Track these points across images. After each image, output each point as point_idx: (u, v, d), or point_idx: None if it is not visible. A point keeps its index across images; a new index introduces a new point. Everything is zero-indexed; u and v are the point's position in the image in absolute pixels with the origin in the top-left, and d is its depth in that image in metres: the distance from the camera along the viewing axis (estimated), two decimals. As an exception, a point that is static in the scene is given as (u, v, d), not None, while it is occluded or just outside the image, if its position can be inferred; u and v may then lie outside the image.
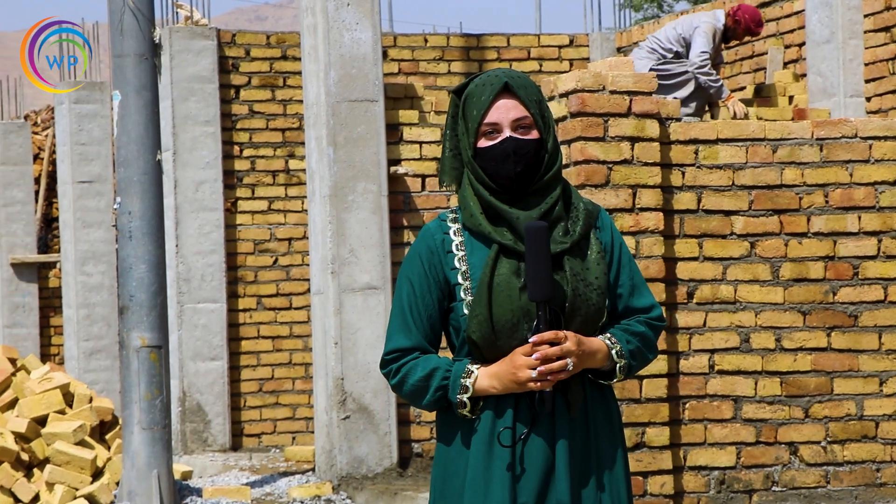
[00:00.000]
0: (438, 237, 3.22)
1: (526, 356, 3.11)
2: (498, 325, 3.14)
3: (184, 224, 10.46)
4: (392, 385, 3.24)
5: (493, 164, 3.17)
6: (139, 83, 7.89)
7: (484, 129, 3.19)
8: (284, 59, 10.81)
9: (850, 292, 6.69)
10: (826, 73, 9.89)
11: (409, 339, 3.20)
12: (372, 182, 8.55)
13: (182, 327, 10.43)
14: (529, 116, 3.20)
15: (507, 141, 3.17)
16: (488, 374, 3.16)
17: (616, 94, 6.45)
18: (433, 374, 3.18)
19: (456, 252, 3.21)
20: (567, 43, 11.69)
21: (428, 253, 3.21)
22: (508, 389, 3.15)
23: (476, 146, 3.20)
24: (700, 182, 6.60)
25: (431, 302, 3.21)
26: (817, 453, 6.64)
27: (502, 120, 3.19)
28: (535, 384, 3.11)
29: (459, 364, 3.19)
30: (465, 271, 3.19)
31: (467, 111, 3.21)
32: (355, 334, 8.50)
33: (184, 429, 10.43)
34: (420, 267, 3.21)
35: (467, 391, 3.16)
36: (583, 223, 3.21)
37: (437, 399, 3.19)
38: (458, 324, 3.20)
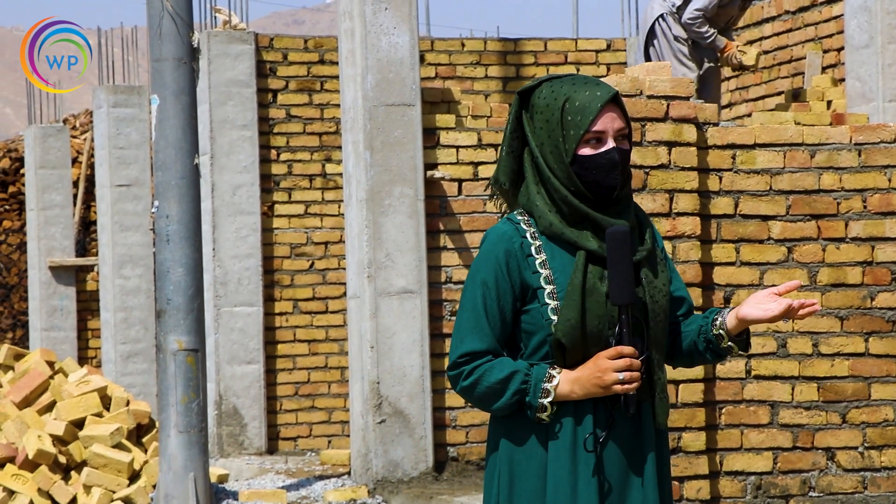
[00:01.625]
0: (517, 241, 3.22)
1: (611, 360, 3.13)
2: (588, 331, 3.15)
3: (221, 228, 10.50)
4: (462, 387, 3.22)
5: (597, 172, 3.18)
6: (177, 87, 7.93)
7: (588, 137, 3.19)
8: (322, 64, 10.84)
9: (888, 298, 6.65)
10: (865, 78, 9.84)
11: (483, 342, 3.20)
12: (408, 186, 8.57)
13: (219, 331, 10.47)
14: (627, 129, 3.24)
15: (613, 151, 3.19)
16: (569, 379, 3.17)
17: (653, 98, 6.44)
18: (512, 378, 3.17)
19: (536, 256, 3.21)
20: (604, 47, 11.67)
21: (506, 256, 3.21)
22: (590, 394, 3.15)
23: (576, 153, 3.20)
24: (737, 187, 6.58)
25: (507, 305, 3.20)
26: (854, 459, 6.61)
27: (609, 129, 3.20)
28: (620, 387, 3.12)
29: (539, 368, 3.19)
30: (549, 275, 3.20)
31: (569, 116, 3.19)
32: (391, 338, 8.51)
33: (220, 432, 10.47)
34: (498, 269, 3.20)
35: (549, 395, 3.16)
36: (648, 231, 3.28)
37: (512, 403, 3.18)
38: (536, 327, 3.20)
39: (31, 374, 8.92)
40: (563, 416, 3.18)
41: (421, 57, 10.71)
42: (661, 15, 9.51)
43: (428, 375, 8.57)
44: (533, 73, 11.45)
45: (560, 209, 3.21)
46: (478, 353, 3.20)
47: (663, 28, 9.50)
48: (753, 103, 11.15)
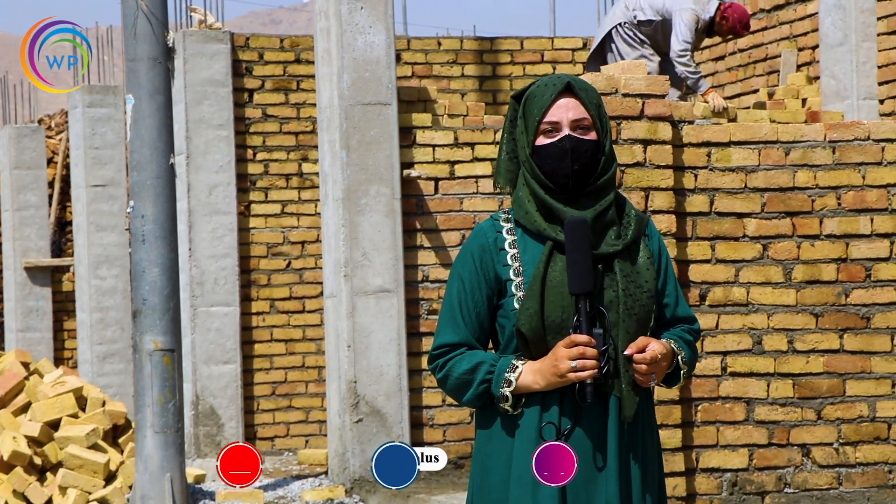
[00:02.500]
0: (491, 235, 3.28)
1: (566, 348, 3.15)
2: (548, 321, 3.19)
3: (197, 227, 10.47)
4: (438, 380, 3.29)
5: (551, 161, 3.22)
6: (152, 87, 7.91)
7: (543, 128, 3.24)
8: (298, 63, 10.82)
9: (862, 294, 6.68)
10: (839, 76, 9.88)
11: (456, 335, 3.26)
12: (385, 185, 8.56)
13: (195, 331, 10.44)
14: (589, 118, 3.25)
15: (565, 139, 3.22)
16: (532, 369, 3.20)
17: (628, 96, 6.46)
18: (478, 368, 3.23)
19: (508, 249, 3.27)
20: (580, 46, 11.69)
21: (480, 251, 3.27)
22: (551, 384, 3.18)
23: (534, 144, 3.24)
24: (712, 184, 6.60)
25: (481, 299, 3.26)
26: (830, 455, 6.64)
27: (562, 118, 3.24)
28: (574, 375, 3.14)
29: (505, 359, 3.24)
30: (518, 268, 3.25)
31: (528, 110, 3.26)
32: (368, 337, 8.51)
33: (197, 432, 10.45)
34: (472, 264, 3.26)
35: (510, 385, 3.20)
36: (634, 228, 3.28)
37: (480, 393, 3.23)
38: (507, 319, 3.25)
39: (6, 376, 8.88)
40: (530, 407, 3.21)
41: (397, 56, 10.70)
42: (620, 23, 9.50)
43: (405, 374, 8.57)
44: (509, 72, 11.46)
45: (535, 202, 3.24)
46: (452, 346, 3.26)
47: (623, 35, 9.50)
48: (729, 101, 11.18)
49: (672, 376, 3.32)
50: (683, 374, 3.31)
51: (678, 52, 9.31)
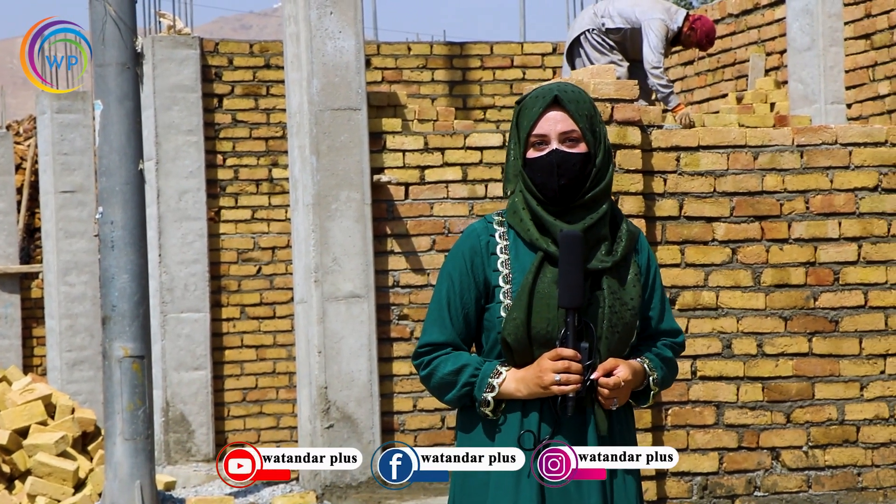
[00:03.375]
0: (484, 238, 3.29)
1: (551, 361, 3.16)
2: (534, 332, 3.20)
3: (167, 233, 10.44)
4: (421, 377, 3.31)
5: (540, 174, 3.23)
6: (121, 92, 7.88)
7: (533, 140, 3.25)
8: (268, 68, 10.81)
9: (830, 298, 6.71)
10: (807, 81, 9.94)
11: (443, 334, 3.28)
12: (355, 190, 8.56)
13: (165, 337, 10.41)
14: (577, 130, 3.24)
15: (552, 153, 3.23)
16: (516, 377, 3.21)
17: (598, 101, 6.47)
18: (462, 370, 3.24)
19: (500, 255, 3.27)
20: (550, 51, 11.71)
21: (471, 252, 3.28)
22: (533, 394, 3.20)
23: (525, 156, 3.25)
24: (682, 189, 6.62)
25: (470, 300, 3.27)
26: (799, 458, 6.66)
27: (549, 132, 3.24)
28: (557, 388, 3.16)
29: (489, 364, 3.25)
30: (507, 275, 3.26)
31: (520, 122, 3.28)
32: (339, 343, 8.50)
33: (167, 439, 10.41)
34: (463, 265, 3.27)
35: (493, 390, 3.22)
36: (625, 245, 3.28)
37: (462, 395, 3.25)
38: (492, 325, 3.27)
39: (-26, 383, 8.83)
40: (511, 413, 3.22)
41: (367, 61, 10.69)
42: (588, 29, 9.51)
43: (376, 380, 8.56)
44: (479, 76, 11.47)
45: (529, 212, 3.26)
46: (438, 345, 3.28)
47: (591, 41, 9.52)
48: (698, 106, 11.22)
49: (642, 395, 3.32)
50: (653, 395, 3.32)
51: (652, 64, 9.30)
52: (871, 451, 6.72)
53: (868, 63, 9.80)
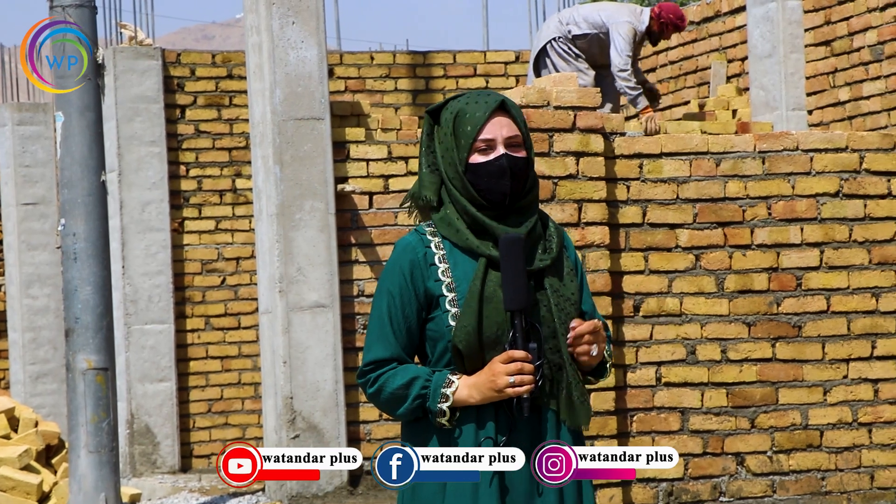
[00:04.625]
0: (420, 250, 3.30)
1: (503, 364, 3.18)
2: (484, 337, 3.21)
3: (130, 245, 10.40)
4: (369, 394, 3.29)
5: (488, 179, 3.24)
6: (82, 104, 7.84)
7: (478, 145, 3.26)
8: (230, 78, 10.78)
9: (793, 303, 6.75)
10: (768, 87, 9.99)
11: (387, 350, 3.27)
12: (319, 200, 8.54)
13: (129, 349, 10.36)
14: (520, 135, 3.28)
15: (502, 157, 3.24)
16: (468, 384, 3.22)
17: (560, 109, 6.49)
18: (413, 383, 3.24)
19: (439, 265, 3.28)
20: (513, 59, 11.74)
21: (410, 266, 3.28)
22: (487, 399, 3.20)
23: (468, 161, 3.25)
24: (645, 196, 6.65)
25: (412, 314, 3.27)
26: (763, 463, 6.69)
27: (497, 136, 3.26)
28: (512, 390, 3.17)
29: (440, 374, 3.25)
30: (450, 283, 3.26)
31: (459, 127, 3.26)
32: (304, 353, 8.48)
33: (132, 451, 10.36)
34: (402, 279, 3.28)
35: (447, 400, 3.22)
36: (557, 241, 3.32)
37: (414, 408, 3.24)
38: (440, 334, 3.26)
39: (-64, 397, 8.77)
40: (466, 423, 3.23)
41: (330, 70, 10.69)
42: (554, 38, 9.54)
43: (342, 389, 8.54)
44: (442, 85, 11.48)
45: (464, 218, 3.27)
46: (383, 361, 3.27)
47: (557, 50, 9.54)
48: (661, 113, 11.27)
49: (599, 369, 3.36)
50: (609, 366, 3.37)
51: (620, 67, 9.34)
52: (835, 456, 6.75)
53: (828, 69, 9.87)
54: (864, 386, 6.80)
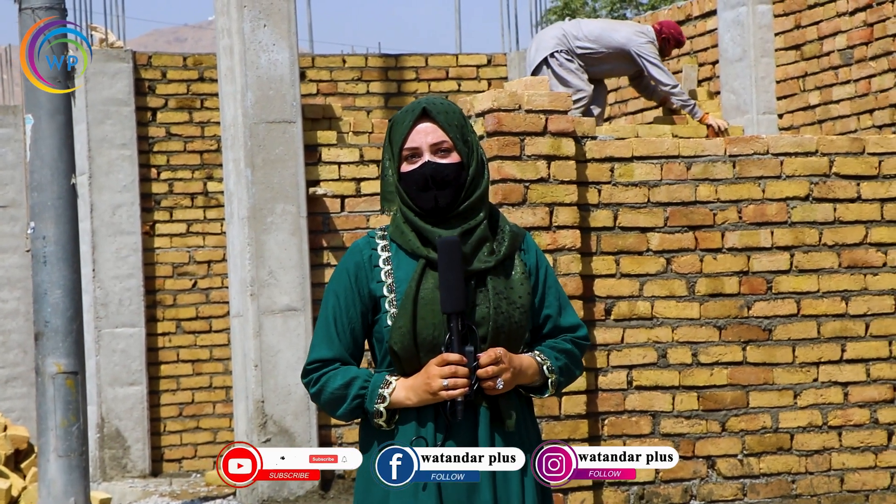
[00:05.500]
0: (366, 252, 3.32)
1: (438, 367, 3.19)
2: (420, 338, 3.23)
3: (101, 248, 10.35)
4: (312, 394, 3.32)
5: (414, 187, 3.28)
6: (52, 107, 7.81)
7: (405, 154, 3.29)
8: (201, 81, 10.75)
9: (764, 306, 6.77)
10: (739, 91, 10.03)
11: (330, 351, 3.30)
12: (290, 203, 8.53)
13: (100, 352, 10.32)
14: (448, 141, 3.29)
15: (425, 165, 3.27)
16: (405, 386, 3.24)
17: (532, 113, 6.49)
18: (352, 384, 3.26)
19: (382, 266, 3.31)
20: (485, 62, 11.74)
21: (355, 268, 3.31)
22: (423, 401, 3.23)
23: (400, 170, 3.29)
24: (616, 199, 6.66)
25: (356, 315, 3.30)
26: (734, 466, 6.71)
27: (421, 144, 3.29)
28: (446, 393, 3.19)
29: (378, 375, 3.28)
30: (391, 284, 3.29)
31: (392, 137, 3.32)
32: (275, 356, 8.46)
33: (102, 455, 10.31)
34: (346, 281, 3.31)
35: (384, 401, 3.24)
36: (508, 244, 3.32)
37: (353, 408, 3.27)
38: (382, 335, 3.29)
39: None
40: (406, 423, 3.25)
41: (302, 73, 10.67)
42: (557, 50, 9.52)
43: (313, 393, 8.53)
44: (414, 88, 11.48)
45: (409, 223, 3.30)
46: (326, 361, 3.30)
47: (561, 61, 9.54)
48: (632, 116, 11.29)
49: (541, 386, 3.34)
50: (552, 383, 3.33)
51: (671, 86, 9.49)
52: (805, 459, 6.78)
53: (798, 73, 9.91)
54: (834, 389, 6.83)
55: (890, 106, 9.26)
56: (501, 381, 3.23)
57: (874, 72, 9.40)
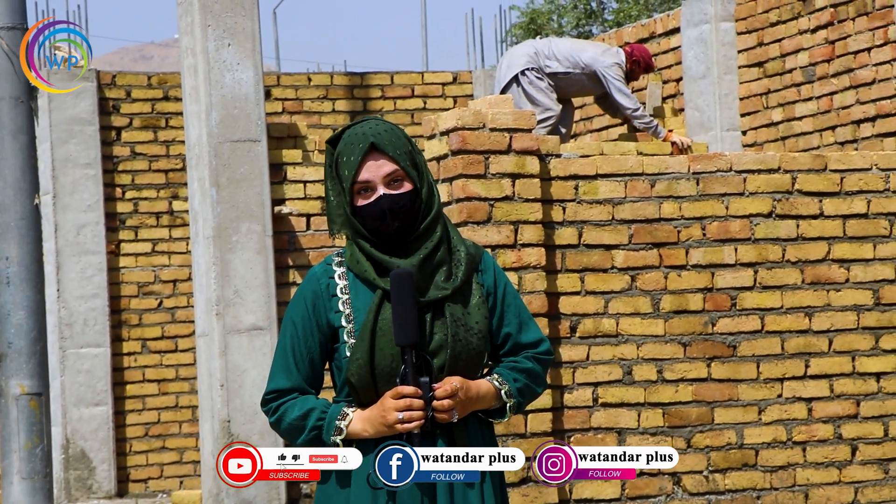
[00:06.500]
0: (324, 281, 3.30)
1: (394, 399, 3.19)
2: (377, 369, 3.22)
3: (65, 268, 10.31)
4: (271, 423, 3.31)
5: (372, 221, 3.26)
6: (15, 126, 7.77)
7: (358, 188, 3.27)
8: (166, 100, 10.74)
9: (728, 323, 6.80)
10: (703, 108, 10.09)
11: (289, 380, 3.28)
12: (256, 222, 8.52)
13: (65, 373, 10.26)
14: (400, 170, 3.27)
15: (382, 199, 3.25)
16: (361, 417, 3.24)
17: (496, 131, 6.51)
18: (309, 414, 3.25)
19: (340, 296, 3.29)
20: (451, 80, 11.77)
21: (313, 296, 3.29)
22: (380, 433, 3.22)
23: (354, 204, 3.27)
24: (580, 217, 6.68)
25: (314, 344, 3.28)
26: (700, 483, 6.73)
27: (374, 178, 3.26)
28: (401, 426, 3.19)
29: (335, 407, 3.26)
30: (349, 314, 3.27)
31: (340, 171, 3.28)
32: (241, 376, 8.44)
33: (67, 476, 10.25)
34: (304, 310, 3.29)
35: (341, 433, 3.23)
36: (465, 267, 3.29)
37: (311, 439, 3.25)
38: (341, 365, 3.28)
39: None
40: (366, 454, 3.23)
41: (267, 92, 10.67)
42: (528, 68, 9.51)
43: (279, 412, 8.50)
44: (380, 106, 11.49)
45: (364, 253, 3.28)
46: (284, 391, 3.28)
47: (531, 79, 9.54)
48: (597, 133, 11.34)
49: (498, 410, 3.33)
50: (510, 407, 3.32)
51: (633, 110, 9.41)
52: (770, 475, 6.80)
53: (761, 90, 9.98)
54: (798, 405, 6.86)
55: (852, 123, 9.34)
56: (456, 413, 3.22)
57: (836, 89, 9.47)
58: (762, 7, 10.01)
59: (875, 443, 6.93)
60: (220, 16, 8.53)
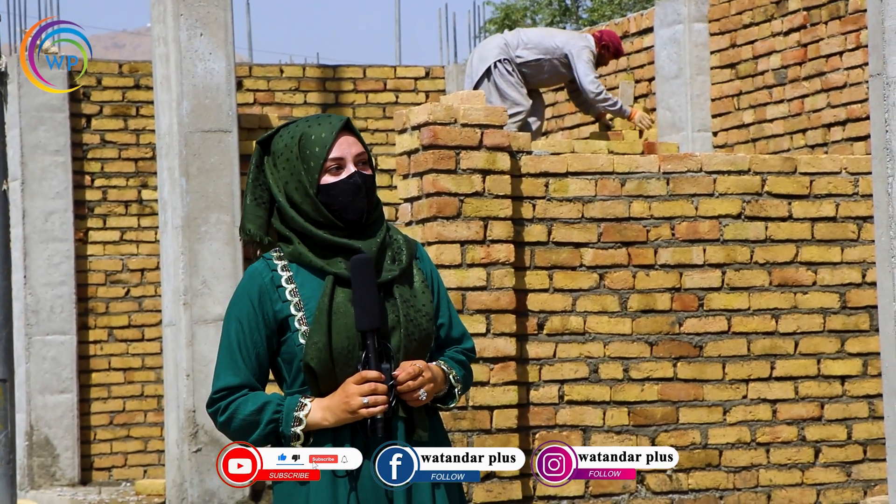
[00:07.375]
0: (266, 275, 3.26)
1: (357, 385, 3.17)
2: (335, 352, 3.20)
3: (32, 255, 10.26)
4: (220, 422, 3.25)
5: (343, 198, 3.24)
6: (-16, 112, 7.72)
7: (328, 165, 3.25)
8: (137, 89, 10.69)
9: (695, 323, 6.82)
10: (675, 108, 10.12)
11: (237, 377, 3.24)
12: (225, 213, 8.49)
13: (30, 360, 10.22)
14: (365, 153, 3.31)
15: (355, 175, 3.25)
16: (321, 406, 3.21)
17: (467, 126, 6.51)
18: (265, 408, 3.22)
19: (286, 286, 3.26)
20: (423, 75, 11.76)
21: (258, 291, 3.25)
22: (341, 420, 3.20)
23: (319, 183, 3.24)
24: (550, 214, 6.69)
25: (260, 340, 3.25)
26: (663, 482, 6.75)
27: (346, 155, 3.27)
28: (366, 410, 3.17)
29: (292, 398, 3.23)
30: (298, 303, 3.25)
31: (307, 150, 3.25)
32: (207, 366, 8.42)
33: (31, 463, 10.21)
34: (249, 306, 3.25)
35: (301, 423, 3.20)
36: (406, 252, 3.32)
37: (267, 433, 3.21)
38: (292, 355, 3.25)
39: None
40: (323, 444, 3.21)
41: (239, 83, 10.63)
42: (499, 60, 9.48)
43: (245, 404, 8.49)
44: (352, 99, 11.47)
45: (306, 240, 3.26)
46: (233, 388, 3.24)
47: (502, 72, 9.50)
48: (569, 132, 11.35)
49: (447, 396, 3.35)
50: (458, 392, 3.35)
51: (595, 93, 9.32)
52: (734, 475, 6.83)
53: (733, 92, 10.01)
54: (763, 406, 6.89)
55: (822, 126, 9.38)
56: (424, 392, 3.22)
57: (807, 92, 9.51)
58: (735, 9, 10.04)
59: (838, 445, 6.97)
60: (192, 5, 8.50)
